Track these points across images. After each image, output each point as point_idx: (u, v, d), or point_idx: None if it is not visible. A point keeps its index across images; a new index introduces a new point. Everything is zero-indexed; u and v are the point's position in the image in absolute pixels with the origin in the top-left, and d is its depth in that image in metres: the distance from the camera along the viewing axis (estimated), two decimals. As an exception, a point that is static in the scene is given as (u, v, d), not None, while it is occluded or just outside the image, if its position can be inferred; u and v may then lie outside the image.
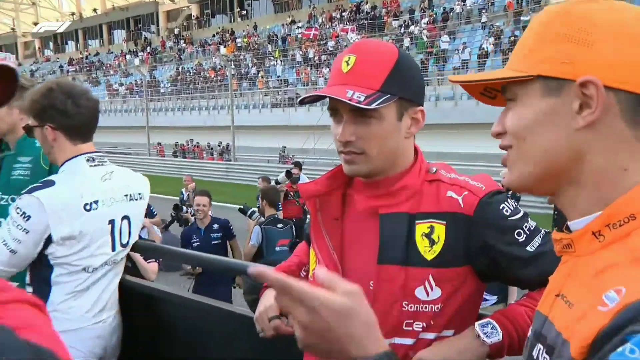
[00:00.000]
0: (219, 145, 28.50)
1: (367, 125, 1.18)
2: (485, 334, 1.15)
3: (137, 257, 3.02)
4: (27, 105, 2.03)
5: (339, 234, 1.26)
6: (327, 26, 34.21)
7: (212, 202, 5.90)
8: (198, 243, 5.55)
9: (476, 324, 1.17)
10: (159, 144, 31.17)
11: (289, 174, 7.93)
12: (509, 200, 1.20)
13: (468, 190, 1.20)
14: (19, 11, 57.97)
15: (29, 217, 1.90)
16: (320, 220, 1.28)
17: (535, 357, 0.75)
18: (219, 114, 31.29)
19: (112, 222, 2.09)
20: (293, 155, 21.92)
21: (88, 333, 2.06)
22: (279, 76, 32.48)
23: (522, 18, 25.07)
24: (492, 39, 25.12)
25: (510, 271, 1.19)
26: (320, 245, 1.27)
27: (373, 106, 1.13)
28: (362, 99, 1.13)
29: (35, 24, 58.23)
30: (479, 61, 24.53)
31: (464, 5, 28.55)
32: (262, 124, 28.52)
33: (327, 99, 1.19)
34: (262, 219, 5.95)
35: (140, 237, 2.35)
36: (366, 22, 31.92)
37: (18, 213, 1.90)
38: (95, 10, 54.40)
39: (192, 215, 6.94)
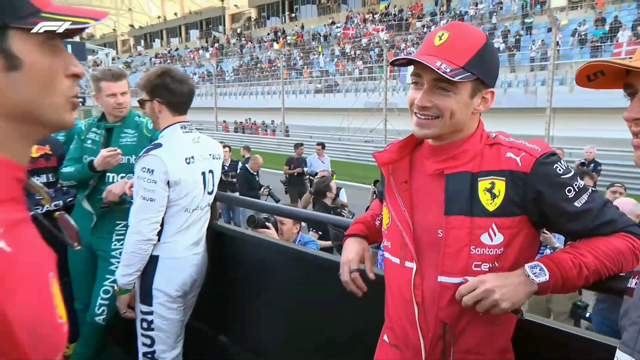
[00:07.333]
0: (271, 123, 30.00)
1: (445, 96, 1.19)
2: (534, 274, 1.16)
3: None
4: (142, 83, 2.19)
5: (408, 194, 1.31)
6: (362, 26, 33.74)
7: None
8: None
9: (526, 265, 1.18)
10: (224, 121, 32.74)
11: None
12: (562, 161, 1.19)
13: (525, 151, 1.20)
14: (118, 15, 62.95)
15: (153, 170, 2.10)
16: (393, 183, 1.34)
17: None
18: (272, 98, 32.15)
19: (203, 174, 2.31)
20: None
21: (188, 262, 2.31)
22: (321, 67, 32.60)
23: (526, 20, 25.52)
24: (501, 39, 24.76)
25: (558, 224, 1.22)
26: (393, 204, 1.33)
27: (456, 79, 1.14)
28: (448, 70, 1.14)
29: (131, 25, 63.49)
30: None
31: (477, 9, 29.18)
32: (306, 106, 29.33)
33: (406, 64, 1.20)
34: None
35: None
36: (394, 22, 32.15)
37: (143, 170, 2.11)
38: (175, 14, 58.22)
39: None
